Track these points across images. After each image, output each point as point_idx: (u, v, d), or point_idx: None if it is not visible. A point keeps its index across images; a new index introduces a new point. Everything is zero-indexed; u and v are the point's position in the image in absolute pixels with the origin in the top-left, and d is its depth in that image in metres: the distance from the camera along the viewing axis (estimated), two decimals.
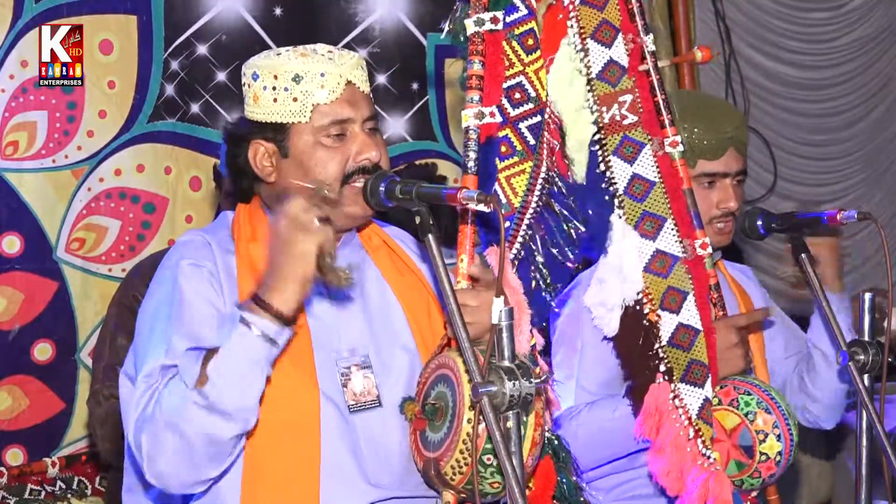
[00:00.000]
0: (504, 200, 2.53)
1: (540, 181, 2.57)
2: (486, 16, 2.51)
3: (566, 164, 2.66)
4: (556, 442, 2.51)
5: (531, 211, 2.56)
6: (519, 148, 2.56)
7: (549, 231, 2.56)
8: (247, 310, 2.13)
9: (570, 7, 2.66)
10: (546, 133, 2.61)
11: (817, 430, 3.23)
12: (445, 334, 2.36)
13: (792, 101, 6.39)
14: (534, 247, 2.56)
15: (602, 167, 2.69)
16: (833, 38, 6.47)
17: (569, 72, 2.65)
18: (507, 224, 2.52)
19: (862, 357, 2.72)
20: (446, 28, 2.57)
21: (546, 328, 2.73)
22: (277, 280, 2.12)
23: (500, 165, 2.54)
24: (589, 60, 2.66)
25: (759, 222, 2.91)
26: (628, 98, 2.70)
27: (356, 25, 4.63)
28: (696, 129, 2.90)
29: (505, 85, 2.55)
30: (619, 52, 2.70)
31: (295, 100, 2.33)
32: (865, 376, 2.72)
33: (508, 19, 2.56)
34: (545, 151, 2.59)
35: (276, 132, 2.36)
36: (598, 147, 2.69)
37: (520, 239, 2.54)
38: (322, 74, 2.33)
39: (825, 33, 6.46)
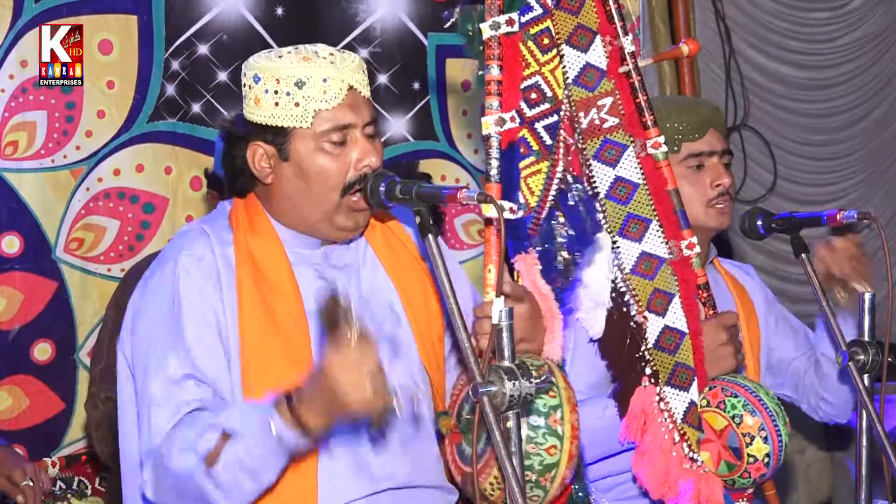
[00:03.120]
0: (522, 201, 2.50)
1: (556, 182, 2.56)
2: (502, 18, 2.48)
3: (580, 162, 2.63)
4: None
5: (546, 211, 2.54)
6: (535, 148, 2.53)
7: (544, 233, 2.55)
8: (279, 415, 2.12)
9: None
10: (562, 131, 2.59)
11: (820, 423, 3.25)
12: (477, 347, 2.34)
13: (792, 101, 6.39)
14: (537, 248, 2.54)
15: (586, 171, 2.68)
16: (833, 38, 6.47)
17: None
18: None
19: (862, 357, 2.72)
20: (451, 21, 2.54)
21: None
22: (319, 410, 2.11)
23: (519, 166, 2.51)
24: (564, 66, 2.65)
25: (759, 222, 2.91)
26: (608, 101, 2.68)
27: (357, 25, 4.63)
28: (674, 115, 2.91)
29: (521, 86, 2.52)
30: (598, 55, 2.67)
31: (297, 105, 2.33)
32: (865, 376, 2.72)
33: (523, 19, 2.53)
34: (561, 151, 2.57)
35: (277, 135, 2.35)
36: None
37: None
38: (325, 80, 2.33)
39: (826, 33, 6.45)
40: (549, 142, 2.55)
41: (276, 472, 2.17)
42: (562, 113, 2.58)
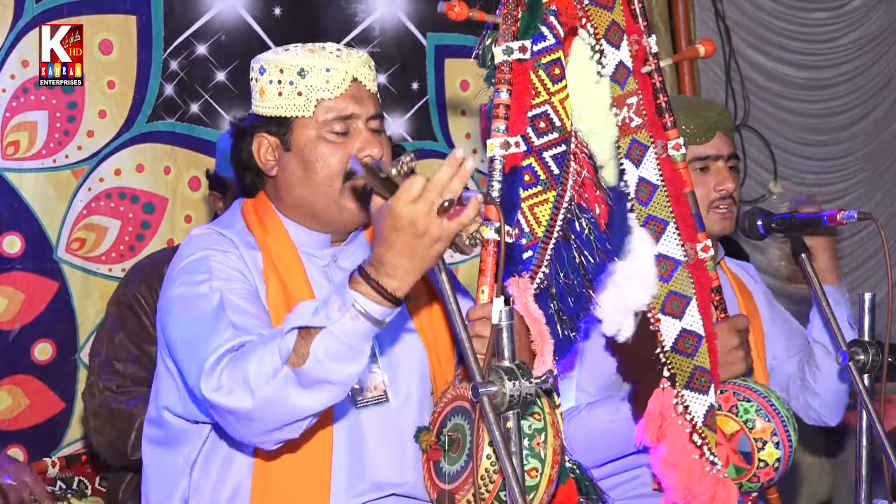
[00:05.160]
0: (527, 230, 2.49)
1: (563, 211, 2.54)
2: (515, 45, 2.49)
3: (596, 193, 2.62)
4: (577, 471, 2.50)
5: (553, 241, 2.52)
6: (542, 177, 2.52)
7: (563, 263, 2.53)
8: (361, 293, 2.00)
9: (579, 6, 2.64)
10: (572, 163, 2.58)
11: (819, 428, 3.23)
12: (462, 366, 2.33)
13: (792, 101, 6.40)
14: (553, 278, 2.52)
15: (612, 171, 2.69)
16: (833, 38, 6.48)
17: (592, 70, 2.62)
18: (530, 253, 2.49)
19: (862, 357, 2.72)
20: (475, 52, 2.54)
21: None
22: (397, 269, 1.99)
23: (523, 195, 2.50)
24: (604, 61, 2.65)
25: (759, 222, 2.91)
26: (634, 100, 2.69)
27: (356, 25, 4.63)
28: (681, 117, 2.90)
29: (530, 114, 2.52)
30: (625, 53, 2.69)
31: (299, 94, 2.34)
32: (865, 376, 2.72)
33: (535, 48, 2.52)
34: (570, 181, 2.56)
35: (280, 126, 2.37)
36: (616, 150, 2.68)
37: (542, 269, 2.50)
38: (327, 70, 2.34)
39: (825, 33, 6.46)
40: (556, 171, 2.54)
41: (366, 356, 2.05)
42: (572, 145, 2.58)
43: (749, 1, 6.16)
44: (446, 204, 1.96)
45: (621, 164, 2.66)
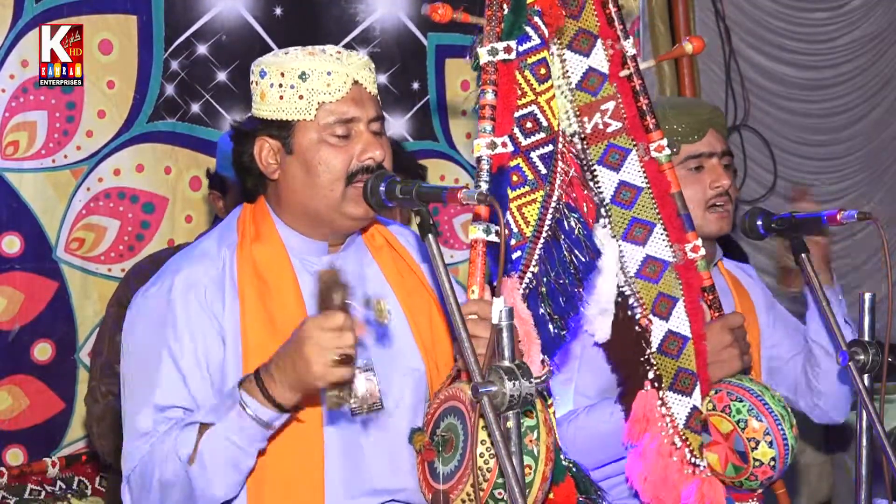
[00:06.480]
0: (515, 230, 2.50)
1: (551, 211, 2.55)
2: (500, 45, 2.49)
3: (584, 193, 2.62)
4: (573, 469, 2.50)
5: (542, 241, 2.53)
6: (530, 177, 2.53)
7: (553, 263, 2.53)
8: (247, 392, 2.17)
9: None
10: (560, 162, 2.58)
11: (819, 426, 3.24)
12: (455, 366, 2.34)
13: (792, 101, 6.40)
14: (543, 278, 2.52)
15: (588, 176, 2.68)
16: (833, 38, 6.48)
17: None
18: (519, 254, 2.49)
19: (862, 357, 2.71)
20: (468, 56, 2.54)
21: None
22: (283, 381, 2.15)
23: (511, 195, 2.51)
24: (567, 71, 2.65)
25: (759, 222, 2.91)
26: (611, 105, 2.68)
27: (356, 25, 4.63)
28: (673, 117, 2.90)
29: (517, 114, 2.52)
30: (599, 59, 2.68)
31: (301, 97, 2.34)
32: (865, 376, 2.72)
33: (521, 48, 2.53)
34: (557, 181, 2.57)
35: (282, 129, 2.36)
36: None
37: (531, 269, 2.50)
38: (329, 73, 2.34)
39: (825, 33, 6.46)
40: (543, 171, 2.55)
41: (255, 456, 2.21)
42: (559, 145, 2.58)
43: (749, 1, 6.16)
44: (343, 358, 2.09)
45: (594, 170, 2.66)
